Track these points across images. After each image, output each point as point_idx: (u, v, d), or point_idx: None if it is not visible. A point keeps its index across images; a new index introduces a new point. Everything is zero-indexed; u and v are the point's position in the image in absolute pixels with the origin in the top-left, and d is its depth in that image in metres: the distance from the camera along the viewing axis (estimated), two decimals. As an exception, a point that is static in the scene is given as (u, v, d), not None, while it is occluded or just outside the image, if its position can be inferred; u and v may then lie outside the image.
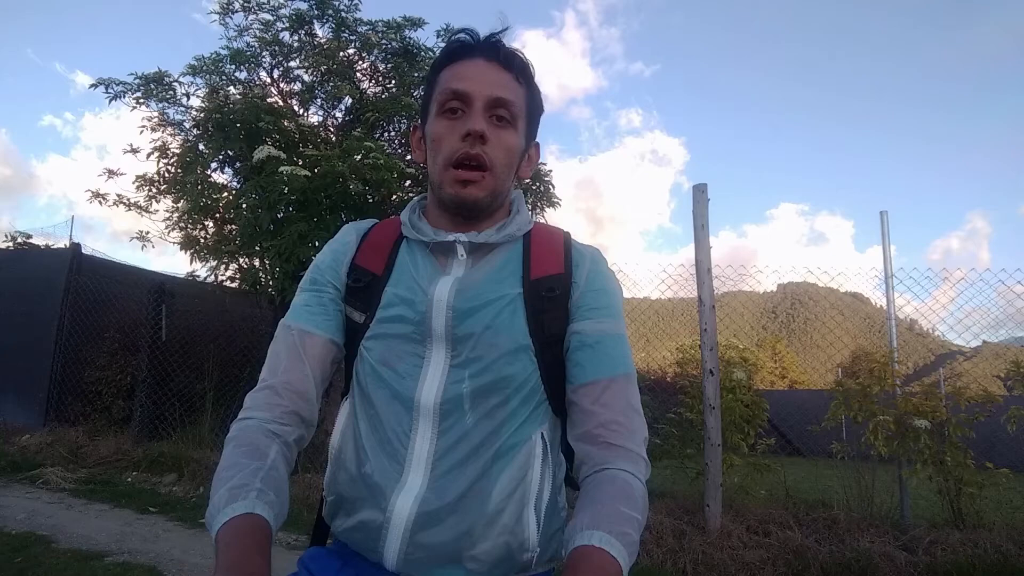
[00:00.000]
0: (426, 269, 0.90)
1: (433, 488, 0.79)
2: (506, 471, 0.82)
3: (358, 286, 0.90)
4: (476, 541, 0.78)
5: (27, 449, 5.74)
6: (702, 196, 4.05)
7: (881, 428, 3.86)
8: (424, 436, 0.82)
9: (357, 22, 6.37)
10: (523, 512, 0.81)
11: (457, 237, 0.90)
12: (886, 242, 4.56)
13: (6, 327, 7.18)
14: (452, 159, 0.86)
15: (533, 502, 0.82)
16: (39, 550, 3.28)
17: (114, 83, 6.04)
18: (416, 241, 0.93)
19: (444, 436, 0.81)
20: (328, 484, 0.89)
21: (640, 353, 16.92)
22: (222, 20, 6.45)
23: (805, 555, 3.39)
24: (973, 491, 3.77)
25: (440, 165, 0.87)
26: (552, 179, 6.41)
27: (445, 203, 0.90)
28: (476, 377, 0.82)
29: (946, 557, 3.33)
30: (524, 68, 0.91)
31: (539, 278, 0.88)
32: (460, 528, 0.78)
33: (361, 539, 0.82)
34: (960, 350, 13.78)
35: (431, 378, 0.83)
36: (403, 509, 0.79)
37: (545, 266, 0.90)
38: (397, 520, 0.79)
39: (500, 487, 0.80)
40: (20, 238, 8.69)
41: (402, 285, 0.89)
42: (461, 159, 0.86)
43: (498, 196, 0.91)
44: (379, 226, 0.99)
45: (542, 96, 0.97)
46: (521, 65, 0.91)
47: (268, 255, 5.05)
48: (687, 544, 3.51)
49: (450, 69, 0.90)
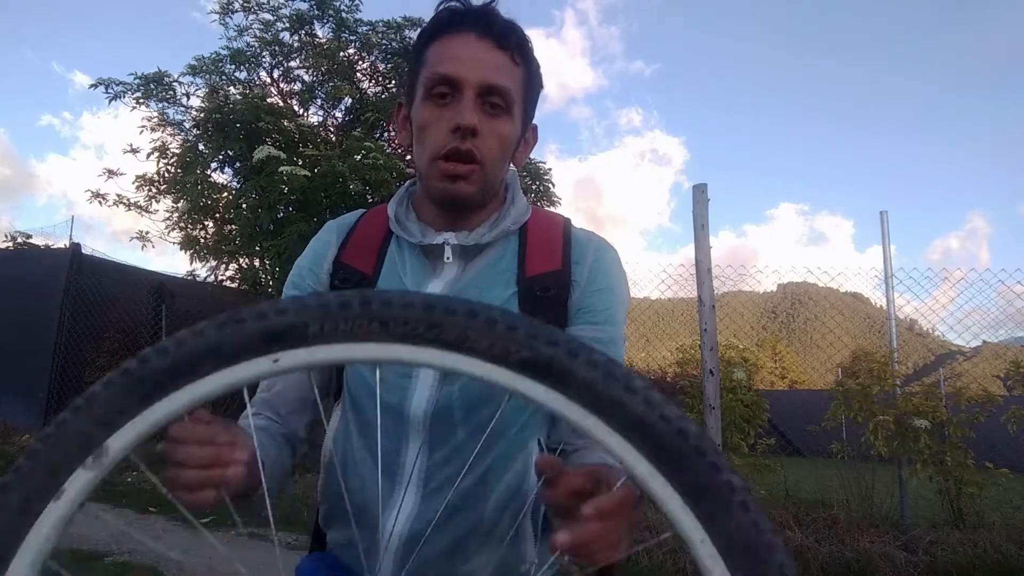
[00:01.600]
0: (415, 271, 0.84)
1: (426, 505, 0.76)
2: (501, 482, 0.78)
3: (345, 286, 0.84)
4: (471, 555, 0.76)
5: (27, 449, 5.75)
6: (702, 196, 4.05)
7: (881, 428, 3.86)
8: (415, 450, 0.78)
9: (357, 22, 6.38)
10: (519, 523, 0.77)
11: (446, 239, 0.83)
12: (886, 242, 4.56)
13: (6, 327, 7.17)
14: (440, 152, 0.78)
15: (530, 513, 0.78)
16: (39, 550, 3.28)
17: (114, 83, 6.05)
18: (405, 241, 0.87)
19: (436, 451, 0.77)
20: (321, 491, 0.87)
21: (640, 353, 16.90)
22: (222, 20, 6.46)
23: (805, 555, 3.39)
24: (973, 491, 3.77)
25: (427, 157, 0.80)
26: (552, 178, 6.42)
27: (432, 196, 0.84)
28: (468, 386, 0.77)
29: (946, 557, 3.33)
30: (521, 44, 0.81)
31: (534, 276, 0.82)
32: (454, 543, 0.76)
33: (354, 557, 0.79)
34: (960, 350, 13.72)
35: (421, 388, 0.78)
36: (396, 528, 0.76)
37: (541, 262, 0.83)
38: (391, 540, 0.75)
39: (495, 499, 0.77)
40: (20, 238, 8.70)
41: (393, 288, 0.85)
42: (450, 153, 0.78)
43: (490, 189, 0.84)
44: (367, 218, 0.92)
45: (541, 72, 0.87)
46: (518, 41, 0.81)
47: (268, 255, 5.06)
48: (687, 544, 3.51)
49: (438, 45, 0.81)
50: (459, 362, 0.49)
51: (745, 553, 0.43)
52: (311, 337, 0.49)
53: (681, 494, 0.45)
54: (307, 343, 0.49)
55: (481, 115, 0.78)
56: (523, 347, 0.47)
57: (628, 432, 0.46)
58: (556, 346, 0.47)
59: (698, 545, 0.44)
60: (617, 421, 0.46)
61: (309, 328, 0.49)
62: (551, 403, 0.48)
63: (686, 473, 0.45)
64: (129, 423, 0.51)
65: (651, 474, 0.46)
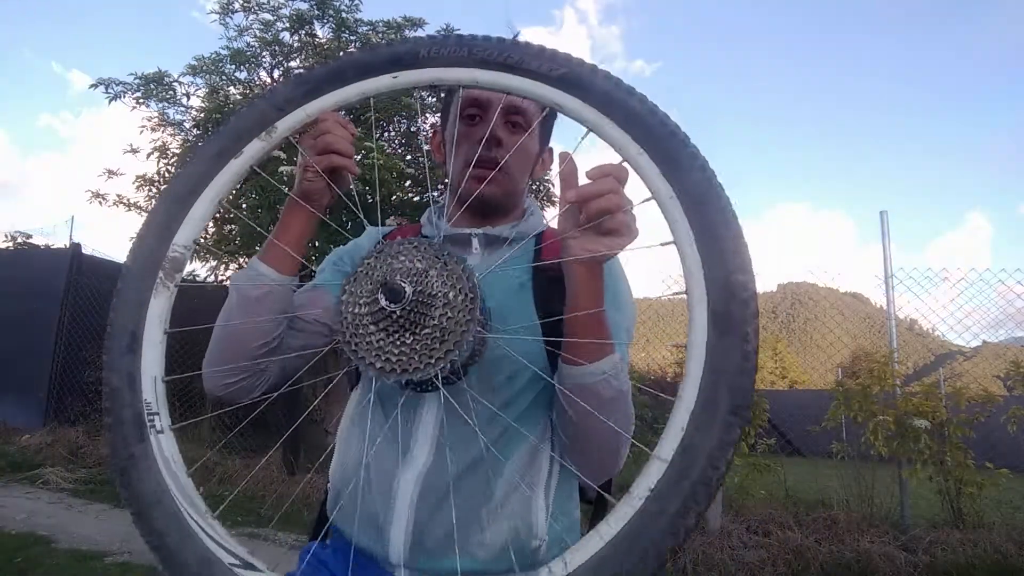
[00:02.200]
0: None
1: (438, 462, 0.81)
2: (515, 454, 0.83)
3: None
4: (483, 526, 0.79)
5: (27, 449, 5.74)
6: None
7: (881, 428, 3.86)
8: (430, 410, 0.84)
9: (357, 22, 6.36)
10: (531, 497, 0.81)
11: (473, 231, 0.96)
12: (886, 242, 4.55)
13: (6, 327, 7.17)
14: (470, 159, 0.92)
15: (543, 487, 0.83)
16: (39, 550, 3.28)
17: (114, 83, 6.04)
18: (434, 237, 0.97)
19: (451, 412, 0.81)
20: (333, 472, 0.92)
21: (640, 353, 16.90)
22: (222, 20, 6.45)
23: (805, 555, 3.39)
24: (973, 491, 3.76)
25: (459, 165, 0.94)
26: (552, 179, 6.42)
27: (463, 200, 0.94)
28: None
29: (946, 557, 3.33)
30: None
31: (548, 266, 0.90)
32: (466, 509, 0.79)
33: (365, 528, 0.82)
34: (960, 350, 13.85)
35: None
36: (407, 484, 0.80)
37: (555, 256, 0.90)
38: (402, 497, 0.80)
39: (509, 470, 0.81)
40: (20, 238, 8.70)
41: None
42: (479, 160, 0.91)
43: (512, 195, 0.98)
44: (403, 230, 1.05)
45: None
46: None
47: (268, 255, 5.05)
48: (687, 544, 3.51)
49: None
50: (516, 81, 0.69)
51: (700, 206, 0.61)
52: (420, 60, 0.71)
53: (658, 164, 0.63)
54: (418, 65, 0.72)
55: (505, 131, 0.94)
56: (561, 66, 0.67)
57: (629, 127, 0.65)
58: (583, 65, 0.67)
59: (668, 201, 0.62)
60: (622, 118, 0.65)
61: (419, 54, 0.71)
62: (578, 111, 0.67)
63: (664, 148, 0.64)
64: (294, 111, 0.75)
65: (639, 152, 0.64)
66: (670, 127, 0.64)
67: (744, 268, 0.59)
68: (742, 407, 0.56)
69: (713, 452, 0.55)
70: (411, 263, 0.66)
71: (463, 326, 0.63)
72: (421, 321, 0.64)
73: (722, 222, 0.60)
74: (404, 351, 0.63)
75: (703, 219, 0.60)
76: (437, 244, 0.67)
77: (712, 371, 0.57)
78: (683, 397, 0.58)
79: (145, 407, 0.66)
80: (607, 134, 0.66)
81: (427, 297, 0.64)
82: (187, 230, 0.74)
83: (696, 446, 0.56)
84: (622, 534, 0.56)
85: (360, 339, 0.65)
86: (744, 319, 0.57)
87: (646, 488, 0.56)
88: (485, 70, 0.69)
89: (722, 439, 0.55)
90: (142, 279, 0.72)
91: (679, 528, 0.55)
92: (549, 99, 0.68)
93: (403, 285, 0.64)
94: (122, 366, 0.68)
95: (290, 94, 0.76)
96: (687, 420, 0.57)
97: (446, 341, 0.63)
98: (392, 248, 0.68)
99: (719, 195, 0.61)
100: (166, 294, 0.72)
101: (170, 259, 0.73)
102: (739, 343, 0.57)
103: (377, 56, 0.74)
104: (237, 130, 0.76)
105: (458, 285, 0.64)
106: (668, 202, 0.62)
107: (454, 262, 0.65)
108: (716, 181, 0.62)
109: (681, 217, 0.61)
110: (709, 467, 0.55)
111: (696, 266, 0.60)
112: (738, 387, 0.56)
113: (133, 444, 0.66)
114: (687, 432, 0.56)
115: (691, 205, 0.61)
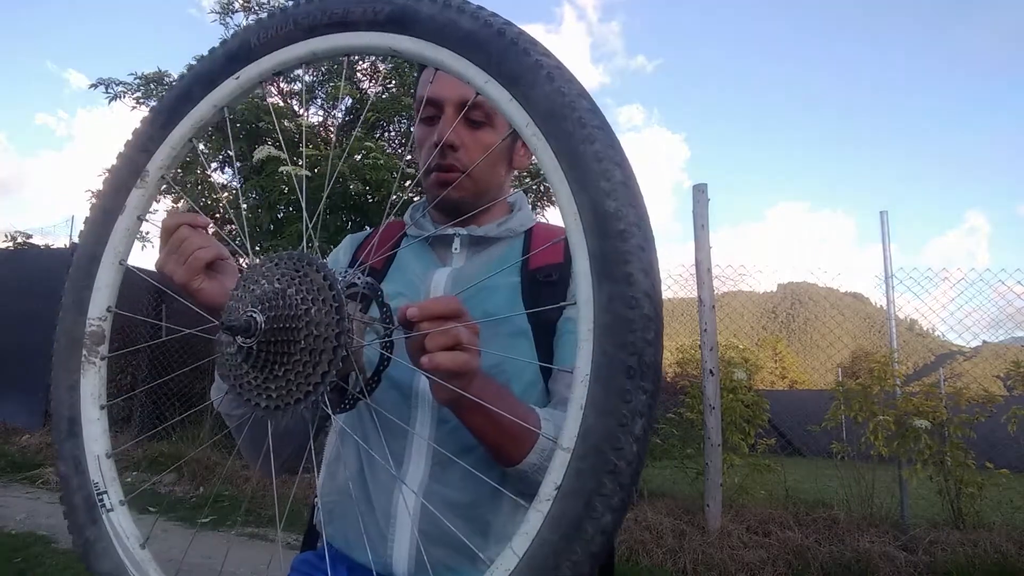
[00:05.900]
0: (425, 263, 0.92)
1: (436, 478, 0.78)
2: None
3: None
4: (490, 543, 0.77)
5: (27, 449, 5.74)
6: (702, 196, 4.05)
7: (881, 428, 3.86)
8: (424, 424, 0.81)
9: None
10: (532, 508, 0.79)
11: (456, 230, 0.92)
12: (886, 242, 4.55)
13: (6, 327, 7.17)
14: (429, 165, 0.88)
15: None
16: (39, 550, 3.28)
17: (114, 83, 6.04)
18: (417, 238, 0.95)
19: (444, 424, 0.79)
20: (322, 488, 0.87)
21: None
22: (222, 20, 6.46)
23: (805, 555, 3.39)
24: (973, 491, 3.77)
25: (423, 171, 0.90)
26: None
27: (431, 202, 0.94)
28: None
29: (946, 557, 3.33)
30: None
31: (538, 267, 0.88)
32: (470, 524, 0.76)
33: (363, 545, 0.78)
34: (960, 350, 13.79)
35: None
36: (407, 502, 0.77)
37: (545, 257, 0.89)
38: (403, 513, 0.77)
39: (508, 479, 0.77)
40: (20, 238, 8.69)
41: (399, 281, 0.90)
42: (435, 166, 0.88)
43: (483, 195, 0.92)
44: (387, 227, 0.99)
45: None
46: None
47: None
48: (687, 544, 3.51)
49: (425, 72, 0.92)
50: (351, 39, 0.61)
51: (555, 122, 0.51)
52: (254, 51, 0.67)
53: (507, 87, 0.53)
54: (253, 57, 0.67)
55: (464, 129, 0.87)
56: (386, 4, 0.59)
57: (467, 51, 0.55)
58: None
59: (526, 130, 0.53)
60: (456, 42, 0.55)
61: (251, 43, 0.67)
62: (415, 52, 0.58)
63: (506, 66, 0.53)
64: (158, 147, 0.72)
65: (486, 81, 0.54)
66: (509, 36, 0.53)
67: (613, 193, 0.48)
68: (636, 369, 0.45)
69: (612, 431, 0.45)
70: (270, 285, 0.59)
71: (333, 341, 0.55)
72: (287, 348, 0.57)
73: (582, 137, 0.49)
74: (281, 384, 0.57)
75: (561, 139, 0.50)
76: (298, 254, 0.60)
77: (599, 328, 0.47)
78: (579, 367, 0.48)
79: (94, 488, 0.66)
80: (451, 68, 0.56)
81: (285, 320, 0.57)
82: (98, 299, 0.72)
83: (595, 427, 0.46)
84: (535, 545, 0.46)
85: (239, 381, 0.60)
86: (621, 257, 0.47)
87: (552, 486, 0.47)
88: (317, 37, 0.63)
89: (620, 412, 0.45)
90: (68, 361, 0.70)
91: (594, 533, 0.45)
92: (386, 47, 0.60)
93: (252, 316, 0.57)
94: (67, 452, 0.68)
95: (148, 132, 0.73)
96: (585, 396, 0.47)
97: (320, 362, 0.55)
98: (252, 274, 0.61)
99: (574, 105, 0.50)
100: (94, 369, 0.70)
101: (89, 334, 0.71)
102: (622, 287, 0.46)
103: (215, 61, 0.69)
104: (114, 185, 0.73)
105: (320, 296, 0.57)
106: (527, 131, 0.52)
107: (314, 271, 0.58)
108: (572, 88, 0.51)
109: (543, 144, 0.51)
110: (611, 450, 0.44)
111: (568, 201, 0.50)
112: (627, 343, 0.45)
113: (87, 528, 0.65)
114: (586, 411, 0.46)
115: (547, 126, 0.51)
